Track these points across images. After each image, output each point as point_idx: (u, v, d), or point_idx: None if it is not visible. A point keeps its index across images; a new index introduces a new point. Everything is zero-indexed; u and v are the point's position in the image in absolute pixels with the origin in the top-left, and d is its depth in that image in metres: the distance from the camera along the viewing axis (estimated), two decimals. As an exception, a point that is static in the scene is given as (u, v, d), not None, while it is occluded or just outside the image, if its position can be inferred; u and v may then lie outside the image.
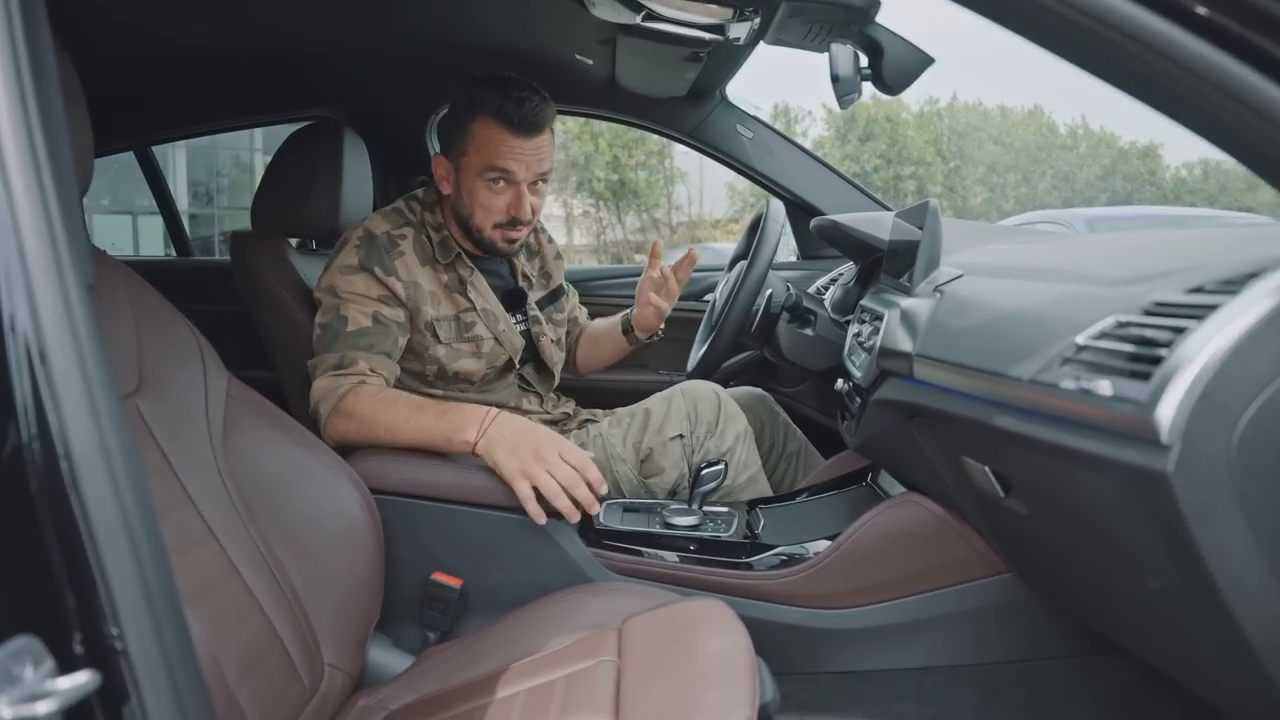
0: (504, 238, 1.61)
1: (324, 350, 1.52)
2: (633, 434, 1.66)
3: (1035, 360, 0.85)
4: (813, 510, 1.56)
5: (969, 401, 0.99)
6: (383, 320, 1.53)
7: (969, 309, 1.08)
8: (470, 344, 1.63)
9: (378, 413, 1.44)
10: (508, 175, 1.55)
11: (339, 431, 1.46)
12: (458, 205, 1.62)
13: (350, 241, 1.57)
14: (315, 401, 1.48)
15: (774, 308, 1.77)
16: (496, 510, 1.40)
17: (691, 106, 2.24)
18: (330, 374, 1.49)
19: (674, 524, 1.47)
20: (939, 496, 1.33)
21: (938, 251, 1.32)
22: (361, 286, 1.54)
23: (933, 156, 26.71)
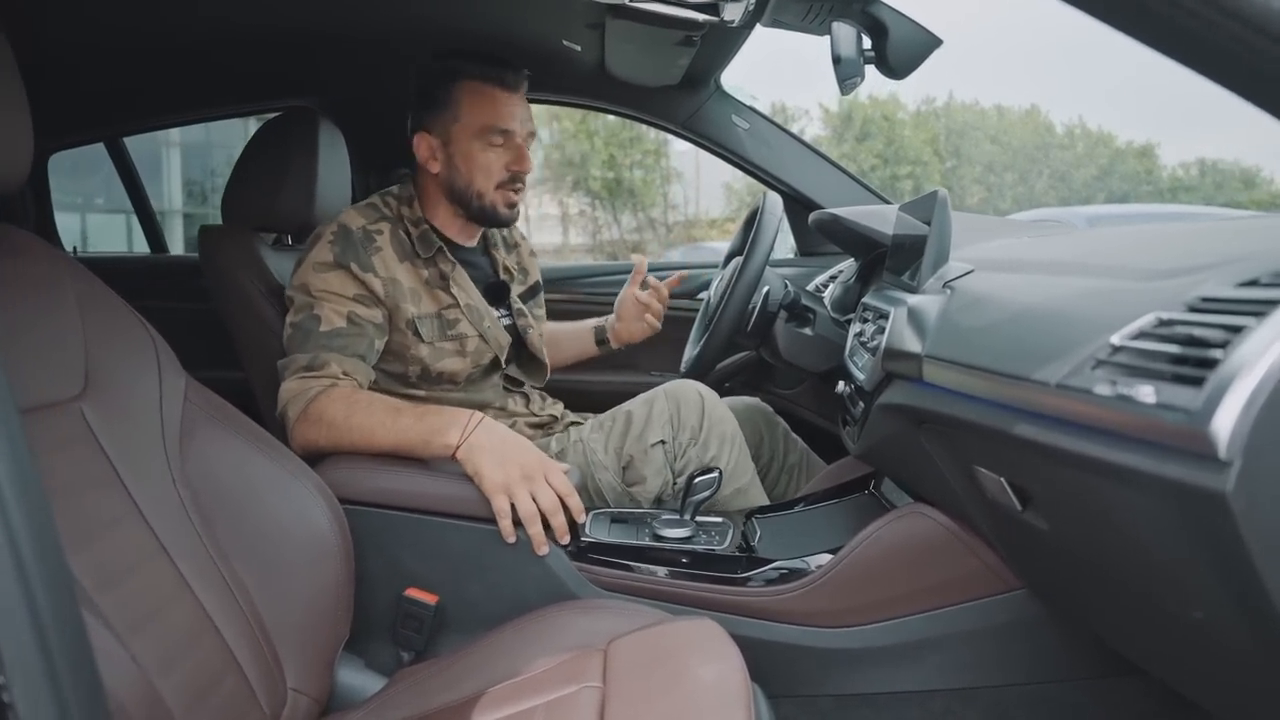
0: (505, 200, 1.58)
1: (295, 350, 1.44)
2: (614, 439, 1.58)
3: (1063, 363, 0.76)
4: (812, 521, 1.47)
5: (985, 407, 0.91)
6: (358, 321, 1.45)
7: (984, 306, 1.00)
8: (454, 342, 1.56)
9: (351, 416, 1.36)
10: (507, 131, 1.53)
11: (307, 438, 1.37)
12: (452, 177, 1.56)
13: (324, 237, 1.50)
14: (283, 404, 1.40)
15: (771, 306, 1.68)
16: (475, 522, 1.32)
17: (685, 96, 2.15)
18: (299, 376, 1.41)
19: (664, 536, 1.38)
20: (948, 507, 1.25)
21: (947, 245, 1.23)
22: (336, 284, 1.46)
23: (930, 156, 26.64)
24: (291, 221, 1.69)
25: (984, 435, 0.94)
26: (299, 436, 1.38)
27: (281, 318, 1.53)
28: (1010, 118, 30.04)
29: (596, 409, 1.88)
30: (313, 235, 1.54)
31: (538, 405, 1.73)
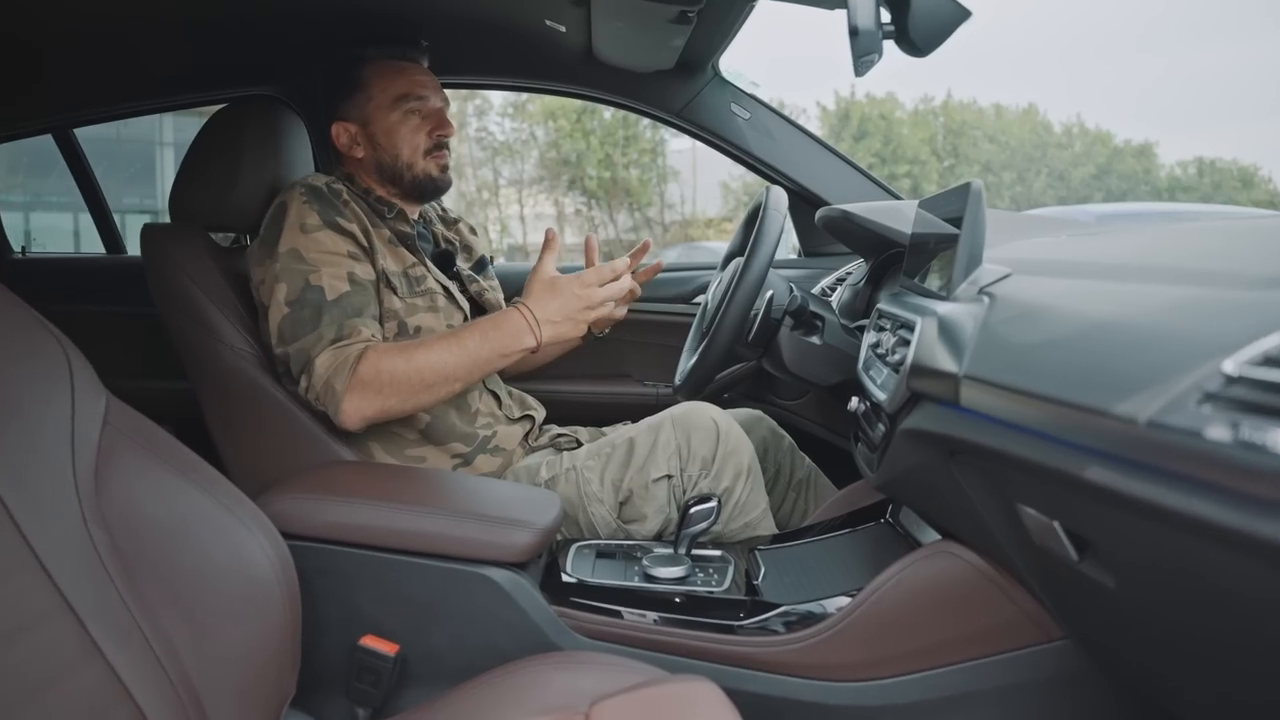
0: (437, 165, 1.56)
1: (307, 329, 1.33)
2: (612, 470, 1.42)
3: (1155, 394, 0.60)
4: (822, 556, 1.31)
5: (1041, 442, 0.75)
6: (359, 280, 1.39)
7: (1037, 319, 0.84)
8: (424, 298, 1.48)
9: (412, 359, 1.32)
10: (421, 99, 1.53)
11: (362, 408, 1.32)
12: (379, 157, 1.54)
13: (294, 200, 1.40)
14: (323, 381, 1.30)
15: (775, 312, 1.51)
16: (441, 560, 1.16)
17: (680, 82, 1.98)
18: (332, 348, 1.31)
19: (656, 576, 1.22)
20: (980, 545, 1.09)
21: (981, 245, 1.07)
22: (329, 244, 1.38)
23: (927, 155, 26.48)
24: (247, 219, 1.53)
25: (1036, 473, 0.78)
26: (351, 409, 1.31)
27: (232, 326, 1.41)
28: (1008, 116, 29.91)
29: (585, 421, 1.73)
30: (276, 205, 1.44)
31: (508, 407, 1.60)
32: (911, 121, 27.34)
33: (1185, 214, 5.26)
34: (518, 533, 1.16)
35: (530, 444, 1.59)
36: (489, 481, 1.37)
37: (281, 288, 1.36)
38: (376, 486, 1.24)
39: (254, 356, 1.42)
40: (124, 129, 9.80)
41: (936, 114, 28.61)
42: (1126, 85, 35.84)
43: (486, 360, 1.35)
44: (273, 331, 1.37)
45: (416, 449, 1.47)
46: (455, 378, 1.34)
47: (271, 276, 1.37)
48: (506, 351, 1.35)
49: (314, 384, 1.32)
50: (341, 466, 1.30)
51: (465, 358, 1.34)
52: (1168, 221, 2.10)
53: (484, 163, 22.62)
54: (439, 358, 1.33)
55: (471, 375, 1.36)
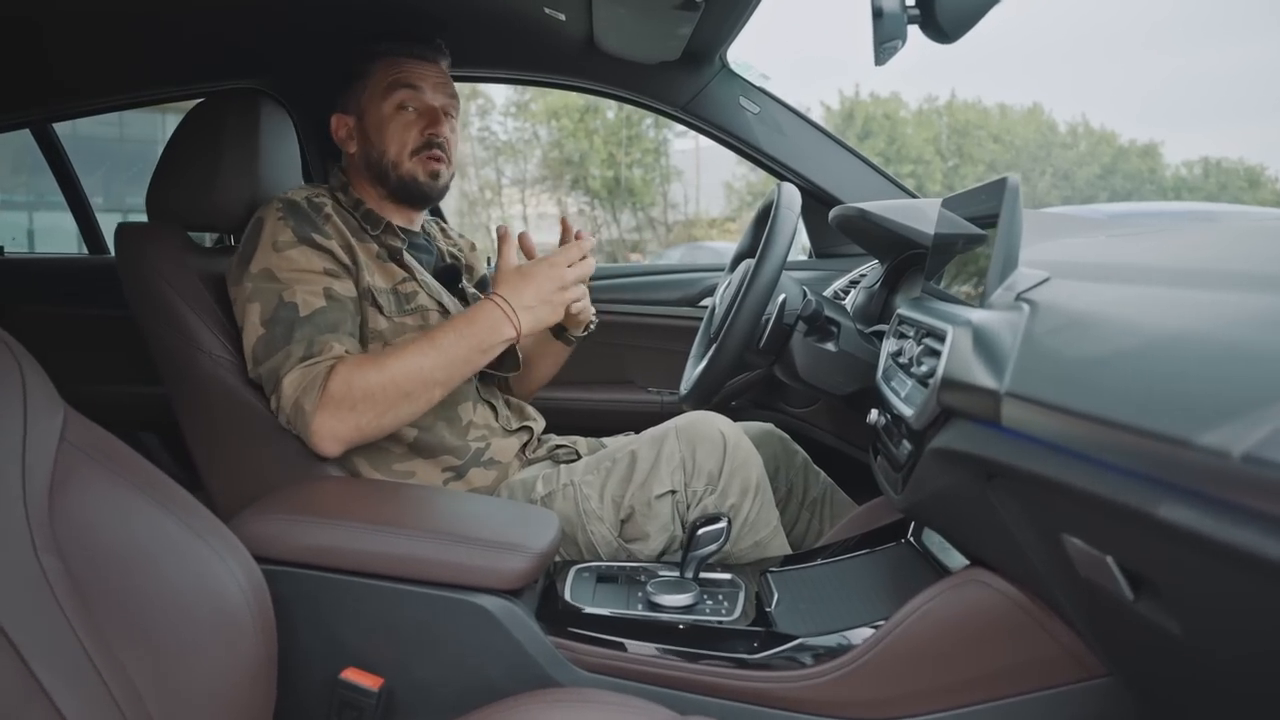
0: (425, 169, 1.46)
1: (278, 347, 1.25)
2: (613, 486, 1.33)
3: (1251, 423, 0.51)
4: (839, 579, 1.22)
5: (1102, 472, 0.66)
6: (336, 297, 1.31)
7: (1091, 329, 0.75)
8: (414, 315, 1.39)
9: (385, 368, 1.24)
10: (415, 91, 1.45)
11: (335, 428, 1.23)
12: (368, 151, 1.47)
13: (270, 216, 1.32)
14: (291, 401, 1.22)
15: (787, 317, 1.42)
16: (429, 587, 1.07)
17: (686, 75, 1.88)
18: (301, 366, 1.23)
19: (661, 604, 1.13)
20: (1015, 574, 1.00)
21: (1017, 247, 0.98)
22: (303, 261, 1.29)
23: (932, 155, 26.36)
24: (229, 218, 1.45)
25: (1089, 504, 0.70)
26: (323, 430, 1.23)
27: (210, 332, 1.33)
28: (1012, 116, 29.78)
29: (585, 430, 1.64)
30: (253, 220, 1.36)
31: (505, 418, 1.50)
32: (916, 121, 27.24)
33: (1203, 213, 5.15)
34: (511, 557, 1.07)
35: (527, 456, 1.51)
36: (481, 499, 1.28)
37: (255, 309, 1.29)
38: (359, 506, 1.15)
39: (234, 365, 1.33)
40: (127, 129, 9.73)
41: (941, 114, 28.51)
42: (1132, 84, 35.70)
43: (465, 358, 1.27)
44: (248, 355, 1.30)
45: (405, 463, 1.38)
46: (435, 381, 1.26)
47: (244, 297, 1.31)
48: (486, 345, 1.28)
49: (282, 406, 1.24)
50: (322, 484, 1.22)
51: (443, 358, 1.26)
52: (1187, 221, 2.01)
53: (487, 162, 22.54)
54: (415, 362, 1.24)
55: (452, 378, 1.28)
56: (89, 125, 8.27)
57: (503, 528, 1.13)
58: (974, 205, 1.12)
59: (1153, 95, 35.72)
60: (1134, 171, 29.03)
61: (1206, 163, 29.85)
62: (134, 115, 3.71)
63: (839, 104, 25.63)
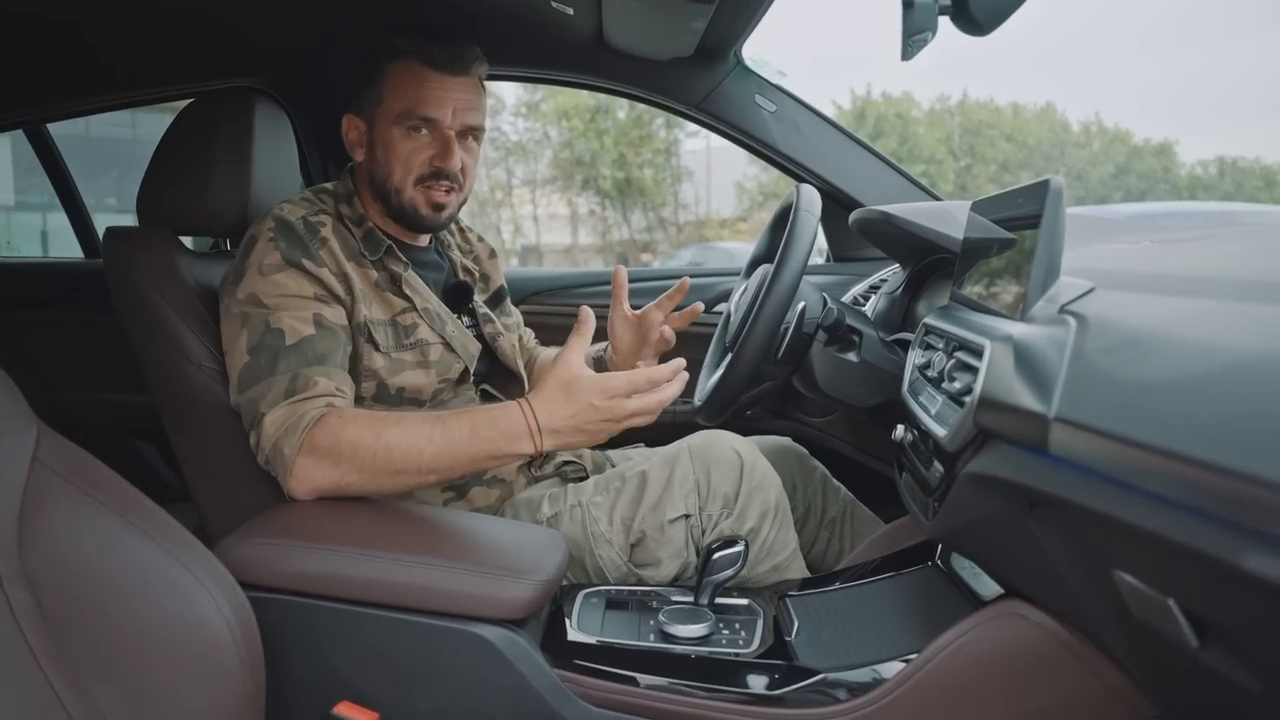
0: (428, 200, 1.33)
1: (260, 376, 1.16)
2: (623, 507, 1.26)
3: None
4: (863, 605, 1.15)
5: (1173, 513, 0.58)
6: (326, 325, 1.21)
7: (1152, 349, 0.67)
8: (413, 351, 1.30)
9: (382, 434, 1.11)
10: (429, 120, 1.30)
11: (314, 478, 1.12)
12: (373, 169, 1.34)
13: (262, 235, 1.23)
14: (271, 443, 1.12)
15: (807, 326, 1.35)
16: (427, 616, 1.01)
17: (699, 72, 1.81)
18: (284, 403, 1.13)
19: (675, 635, 1.07)
20: (1056, 607, 0.93)
21: (1060, 254, 0.91)
22: (293, 286, 1.20)
23: (944, 154, 26.18)
24: (222, 222, 1.38)
25: (1153, 544, 0.63)
26: (301, 476, 1.12)
27: (201, 342, 1.27)
28: (1025, 115, 29.58)
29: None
30: (246, 239, 1.27)
31: None
32: (928, 121, 27.10)
33: (1221, 214, 5.03)
34: (515, 585, 1.01)
35: (533, 473, 1.44)
36: (484, 521, 1.21)
37: (243, 335, 1.20)
38: (353, 529, 1.08)
39: (224, 377, 1.27)
40: (139, 130, 9.71)
41: (953, 113, 28.36)
42: (1145, 83, 35.43)
43: (472, 458, 1.12)
44: (232, 383, 1.21)
45: None
46: (430, 469, 1.12)
47: (232, 322, 1.22)
48: (497, 453, 1.12)
49: (262, 445, 1.14)
50: (314, 505, 1.15)
51: (446, 449, 1.11)
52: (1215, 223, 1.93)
53: (497, 163, 22.48)
54: (414, 442, 1.11)
55: (451, 471, 1.13)
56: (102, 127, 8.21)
57: (505, 552, 1.06)
58: (1008, 208, 1.04)
59: (1167, 94, 35.47)
60: (1148, 171, 28.82)
61: (1222, 162, 29.62)
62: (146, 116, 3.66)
63: (850, 103, 25.48)
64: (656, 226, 22.67)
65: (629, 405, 1.10)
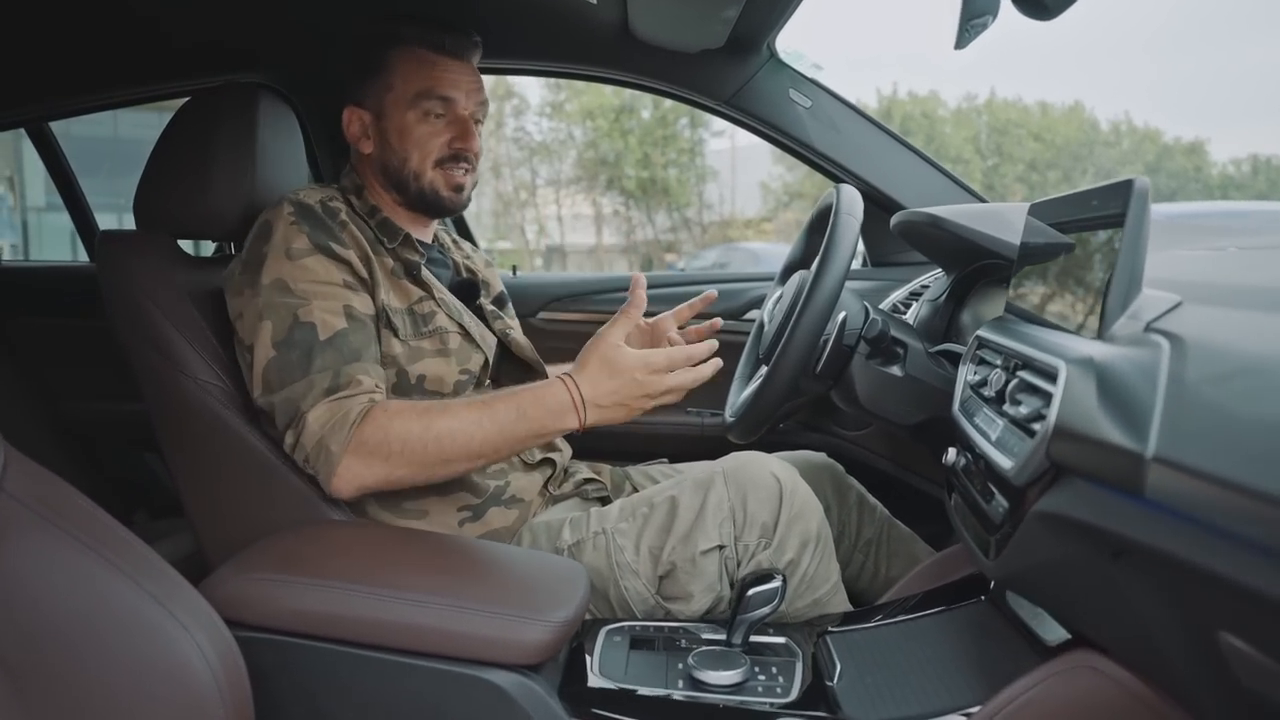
0: (448, 181, 1.32)
1: (296, 374, 1.11)
2: (650, 536, 1.17)
3: None
4: (912, 646, 1.05)
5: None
6: (357, 316, 1.18)
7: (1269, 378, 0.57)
8: (432, 339, 1.25)
9: (431, 425, 1.09)
10: (446, 100, 1.30)
11: (359, 479, 1.10)
12: (386, 157, 1.32)
13: (281, 219, 1.18)
14: (315, 440, 1.09)
15: (847, 337, 1.26)
16: (434, 660, 0.92)
17: (730, 65, 1.71)
18: (327, 401, 1.11)
19: (706, 681, 0.97)
20: (1137, 662, 0.82)
21: (1143, 265, 0.80)
22: (322, 272, 1.16)
23: (971, 154, 25.92)
24: (224, 224, 1.31)
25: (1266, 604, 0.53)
26: (348, 476, 1.09)
27: (199, 356, 1.19)
28: (1053, 114, 29.25)
29: (615, 456, 1.48)
30: (259, 224, 1.22)
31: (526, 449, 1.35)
32: (954, 120, 26.86)
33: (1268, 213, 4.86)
34: (530, 628, 0.92)
35: (551, 492, 1.35)
36: (497, 552, 1.12)
37: (267, 327, 1.14)
38: (354, 563, 1.00)
39: (223, 392, 1.19)
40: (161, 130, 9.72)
41: (980, 112, 28.09)
42: (1177, 81, 34.90)
43: (521, 440, 1.12)
44: (256, 379, 1.14)
45: (416, 501, 1.23)
46: (480, 455, 1.12)
47: (254, 313, 1.15)
48: (544, 431, 1.12)
49: (303, 443, 1.09)
50: (314, 533, 1.07)
51: (496, 433, 1.10)
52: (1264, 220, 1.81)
53: (521, 163, 22.46)
54: (464, 429, 1.10)
55: (499, 454, 1.14)
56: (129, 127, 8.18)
57: (521, 590, 0.97)
58: (1076, 210, 0.94)
59: (1198, 91, 34.91)
60: (1179, 170, 28.42)
61: (1255, 160, 29.17)
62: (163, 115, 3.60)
63: (877, 102, 25.28)
64: (681, 227, 22.59)
65: (668, 381, 1.11)
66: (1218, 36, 37.46)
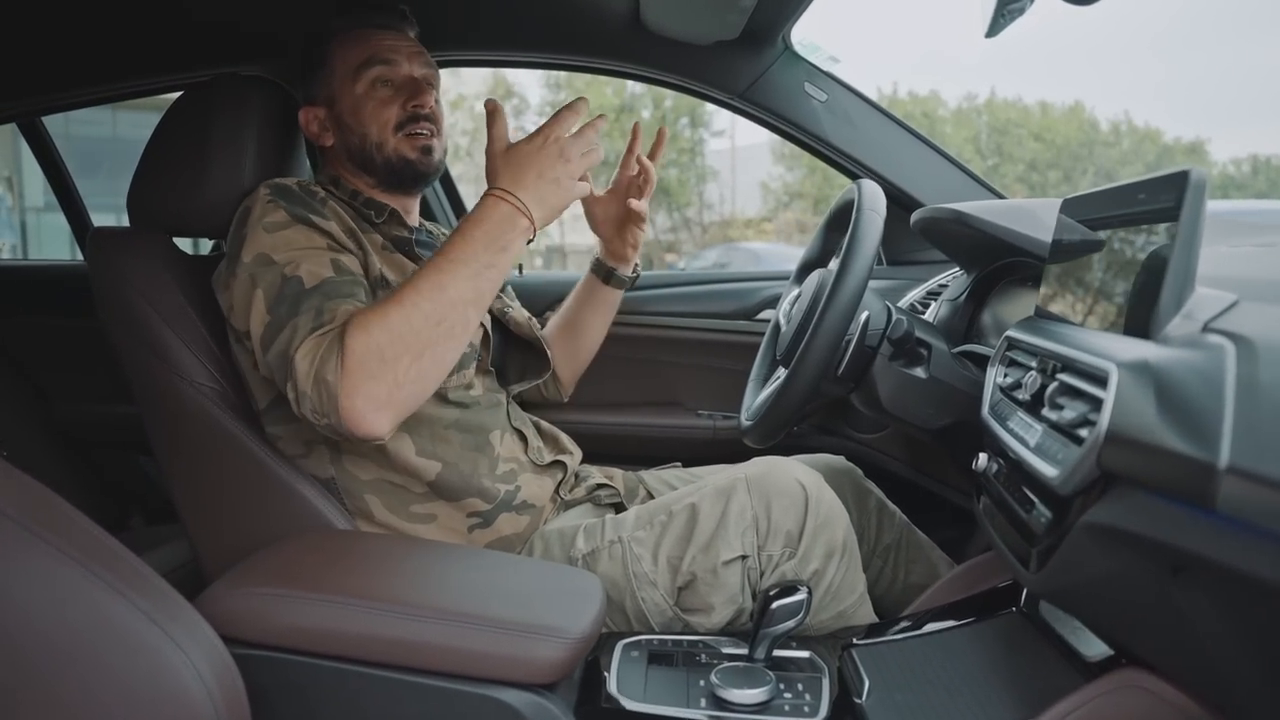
0: (412, 144, 1.28)
1: (284, 324, 1.04)
2: (669, 545, 1.12)
3: None
4: (942, 660, 1.00)
5: None
6: (345, 269, 1.12)
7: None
8: None
9: (403, 305, 1.02)
10: (389, 66, 1.28)
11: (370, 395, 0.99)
12: (348, 142, 1.29)
13: (258, 201, 1.15)
14: (310, 378, 1.00)
15: (869, 339, 1.21)
16: (443, 679, 0.87)
17: (744, 57, 1.66)
18: (313, 337, 1.03)
19: (730, 700, 0.92)
20: (1190, 680, 0.78)
21: (1196, 260, 0.76)
22: (303, 240, 1.11)
23: (971, 154, 25.91)
24: (221, 221, 1.26)
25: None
26: (356, 396, 0.98)
27: (196, 359, 1.16)
28: (1054, 114, 29.22)
29: (627, 460, 1.44)
30: (240, 211, 1.19)
31: (536, 450, 1.30)
32: (955, 120, 26.85)
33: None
34: (543, 645, 0.87)
35: (563, 497, 1.30)
36: (507, 564, 1.07)
37: (258, 294, 1.08)
38: (358, 576, 0.95)
39: (220, 396, 1.15)
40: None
41: (980, 112, 28.08)
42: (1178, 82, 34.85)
43: (486, 263, 1.06)
44: (256, 347, 1.08)
45: (424, 505, 1.19)
46: (463, 300, 1.04)
47: (244, 293, 1.10)
48: (504, 243, 1.06)
49: (301, 387, 1.01)
50: (315, 543, 1.02)
51: (463, 269, 1.04)
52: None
53: (520, 163, 22.42)
54: (432, 282, 1.03)
55: (480, 291, 1.06)
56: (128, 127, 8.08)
57: (534, 604, 0.92)
58: (1118, 205, 0.90)
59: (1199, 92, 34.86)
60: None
61: (1255, 160, 29.17)
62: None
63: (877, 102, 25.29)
64: (681, 227, 22.55)
65: (571, 146, 1.10)
66: (1219, 36, 37.42)
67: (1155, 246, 0.81)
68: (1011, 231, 1.17)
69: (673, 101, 19.79)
